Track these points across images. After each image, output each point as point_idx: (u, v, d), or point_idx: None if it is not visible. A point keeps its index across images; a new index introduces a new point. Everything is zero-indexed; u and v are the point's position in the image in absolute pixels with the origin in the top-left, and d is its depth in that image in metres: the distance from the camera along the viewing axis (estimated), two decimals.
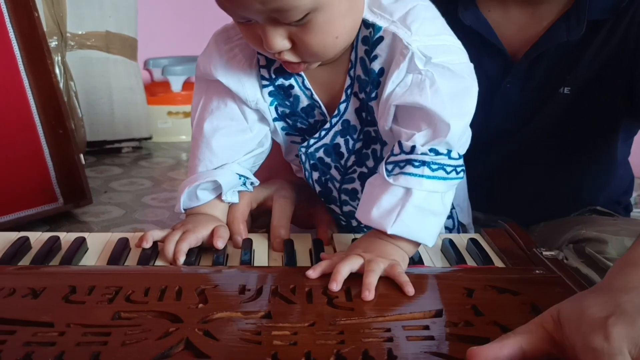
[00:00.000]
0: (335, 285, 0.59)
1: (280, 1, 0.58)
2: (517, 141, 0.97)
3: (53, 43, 2.55)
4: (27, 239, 0.72)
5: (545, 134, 0.95)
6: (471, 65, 0.68)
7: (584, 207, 1.04)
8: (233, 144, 0.77)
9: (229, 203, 0.78)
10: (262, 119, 0.77)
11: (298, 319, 0.54)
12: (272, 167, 0.86)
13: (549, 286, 0.62)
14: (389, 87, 0.66)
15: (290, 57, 0.65)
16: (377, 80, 0.68)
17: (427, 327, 0.53)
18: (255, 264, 0.70)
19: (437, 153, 0.65)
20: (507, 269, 0.68)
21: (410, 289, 0.59)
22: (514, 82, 0.92)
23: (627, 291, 0.46)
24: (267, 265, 0.71)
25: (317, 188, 0.82)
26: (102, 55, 2.80)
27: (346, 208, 0.82)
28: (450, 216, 0.86)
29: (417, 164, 0.65)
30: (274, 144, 0.83)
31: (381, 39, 0.67)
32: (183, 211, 0.77)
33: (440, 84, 0.64)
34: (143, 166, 2.76)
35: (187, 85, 3.16)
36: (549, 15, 0.89)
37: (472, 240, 0.74)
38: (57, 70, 2.50)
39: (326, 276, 0.61)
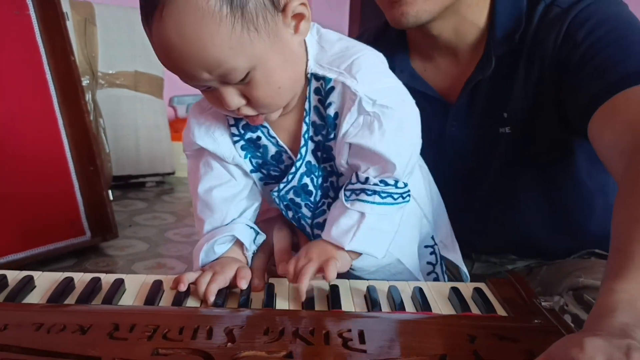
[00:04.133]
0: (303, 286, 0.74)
1: (221, 68, 0.70)
2: (485, 183, 1.06)
3: (85, 82, 2.68)
4: (71, 279, 0.79)
5: (505, 174, 1.03)
6: (412, 100, 0.80)
7: (581, 247, 1.08)
8: (227, 196, 0.86)
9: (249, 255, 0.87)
10: (245, 173, 0.87)
11: (317, 359, 0.60)
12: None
13: (546, 335, 0.67)
14: (344, 128, 0.77)
15: (248, 111, 0.76)
16: (333, 123, 0.80)
17: None
18: (277, 307, 0.76)
19: (386, 184, 0.79)
20: (508, 317, 0.73)
21: (331, 276, 0.75)
22: (457, 124, 1.02)
23: (602, 330, 0.53)
24: (287, 307, 0.77)
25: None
26: (130, 93, 2.93)
27: None
28: (432, 252, 0.95)
29: (369, 192, 0.79)
30: None
31: (332, 88, 0.78)
32: (200, 267, 0.84)
33: (386, 124, 0.76)
34: (166, 201, 2.85)
35: None
36: (470, 60, 1.00)
37: (477, 289, 0.80)
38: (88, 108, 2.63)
39: (338, 320, 0.69)
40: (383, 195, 0.79)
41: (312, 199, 0.87)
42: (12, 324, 0.64)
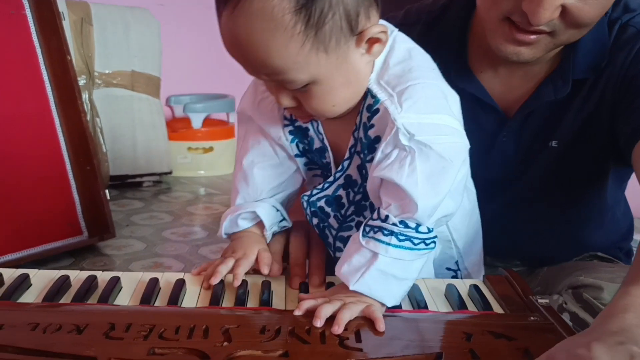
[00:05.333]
0: (319, 322, 0.66)
1: (281, 76, 0.68)
2: (515, 190, 1.04)
3: (81, 82, 2.67)
4: (67, 277, 0.79)
5: (540, 183, 1.02)
6: (459, 146, 0.73)
7: (585, 252, 1.09)
8: (266, 176, 0.87)
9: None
10: (290, 157, 0.86)
11: (313, 358, 0.60)
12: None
13: (542, 333, 0.67)
14: (378, 156, 0.72)
15: (297, 113, 0.76)
16: (373, 146, 0.75)
17: None
18: (273, 305, 0.76)
19: (406, 226, 0.71)
20: (504, 315, 0.73)
21: (381, 326, 0.66)
22: (508, 136, 0.99)
23: (609, 334, 0.54)
24: (284, 306, 0.77)
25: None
26: (127, 93, 2.91)
27: (339, 254, 0.87)
28: (454, 276, 0.92)
29: (386, 232, 0.71)
30: None
31: (377, 110, 0.73)
32: (225, 236, 0.88)
33: (418, 163, 0.69)
34: (163, 200, 2.84)
35: (207, 122, 3.26)
36: (536, 75, 0.96)
37: (474, 286, 0.80)
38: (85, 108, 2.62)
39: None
40: (401, 237, 0.71)
41: (342, 211, 0.85)
42: (8, 324, 0.64)
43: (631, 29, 0.90)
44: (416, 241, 0.72)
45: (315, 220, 0.87)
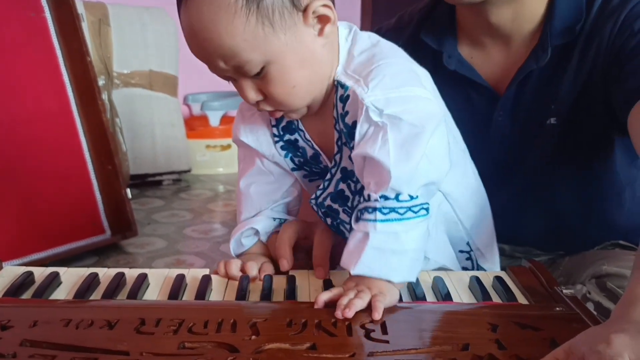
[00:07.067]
0: (339, 313, 0.67)
1: (236, 59, 0.71)
2: (523, 172, 1.04)
3: (100, 82, 2.70)
4: (96, 274, 0.81)
5: (545, 164, 1.02)
6: (430, 112, 0.74)
7: (609, 235, 1.08)
8: (263, 193, 0.90)
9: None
10: (285, 170, 0.89)
11: (340, 350, 0.61)
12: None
13: (568, 323, 0.67)
14: (356, 138, 0.74)
15: (265, 106, 0.77)
16: (352, 131, 0.76)
17: None
18: (299, 299, 0.77)
19: (385, 198, 0.72)
20: (529, 305, 0.74)
21: (376, 315, 0.67)
22: (504, 114, 1.00)
23: (630, 321, 0.54)
24: (308, 299, 0.78)
25: None
26: (145, 92, 2.94)
27: None
28: (469, 257, 0.93)
29: (370, 210, 0.73)
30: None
31: (348, 97, 0.76)
32: (235, 257, 0.90)
33: (390, 135, 0.71)
34: (183, 198, 2.87)
35: (225, 119, 3.28)
36: (523, 50, 0.97)
37: (498, 277, 0.80)
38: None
39: (361, 311, 0.68)
40: (385, 211, 0.71)
41: (349, 204, 0.86)
42: (41, 320, 0.66)
43: None
44: (401, 210, 0.72)
45: (329, 220, 0.88)
